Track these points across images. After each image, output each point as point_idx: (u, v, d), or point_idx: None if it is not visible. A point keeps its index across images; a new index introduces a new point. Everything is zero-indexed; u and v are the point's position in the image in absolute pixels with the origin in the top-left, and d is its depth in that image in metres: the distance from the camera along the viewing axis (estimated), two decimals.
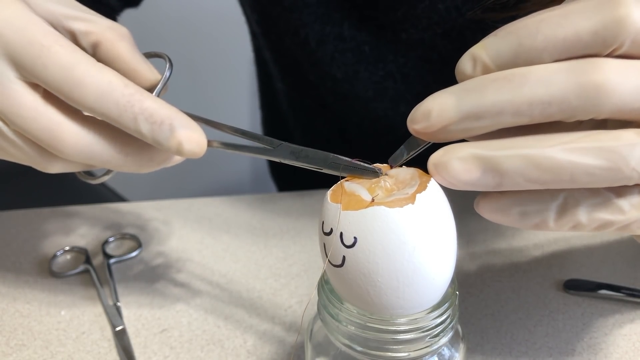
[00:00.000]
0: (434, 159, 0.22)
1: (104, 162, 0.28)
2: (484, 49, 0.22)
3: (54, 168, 0.28)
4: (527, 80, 0.20)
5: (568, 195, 0.22)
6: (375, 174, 0.25)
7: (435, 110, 0.21)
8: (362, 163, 0.26)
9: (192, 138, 0.26)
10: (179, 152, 0.26)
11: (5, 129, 0.27)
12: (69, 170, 0.29)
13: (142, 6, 0.60)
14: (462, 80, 0.22)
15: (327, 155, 0.26)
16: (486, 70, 0.22)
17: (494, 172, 0.21)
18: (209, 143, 0.28)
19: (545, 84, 0.20)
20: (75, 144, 0.26)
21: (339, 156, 0.26)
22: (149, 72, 0.30)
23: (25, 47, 0.25)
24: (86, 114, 0.27)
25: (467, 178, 0.21)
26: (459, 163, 0.21)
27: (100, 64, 0.26)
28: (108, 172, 0.31)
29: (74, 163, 0.28)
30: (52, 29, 0.26)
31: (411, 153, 0.25)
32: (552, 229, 0.23)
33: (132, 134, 0.26)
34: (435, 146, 0.23)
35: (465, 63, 0.22)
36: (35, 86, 0.26)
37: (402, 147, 0.25)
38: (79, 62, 0.26)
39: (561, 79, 0.20)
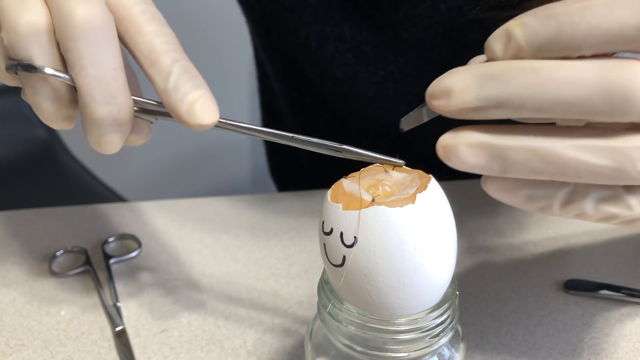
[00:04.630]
0: (444, 140, 0.22)
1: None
2: (520, 28, 0.20)
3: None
4: (555, 78, 0.20)
5: (577, 184, 0.22)
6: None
7: (455, 92, 0.21)
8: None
9: (211, 103, 0.26)
10: (191, 104, 0.26)
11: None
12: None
13: None
14: (490, 57, 0.22)
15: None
16: (518, 52, 0.21)
17: (499, 160, 0.21)
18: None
19: (572, 85, 0.20)
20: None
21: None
22: None
23: None
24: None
25: (474, 162, 0.21)
26: (466, 148, 0.21)
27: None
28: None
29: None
30: None
31: (427, 119, 0.24)
32: (556, 214, 0.23)
33: (159, 72, 0.26)
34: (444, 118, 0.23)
35: (496, 40, 0.21)
36: None
37: (416, 111, 0.24)
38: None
39: (589, 81, 0.19)
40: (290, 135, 0.27)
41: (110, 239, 0.46)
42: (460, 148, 0.21)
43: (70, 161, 0.77)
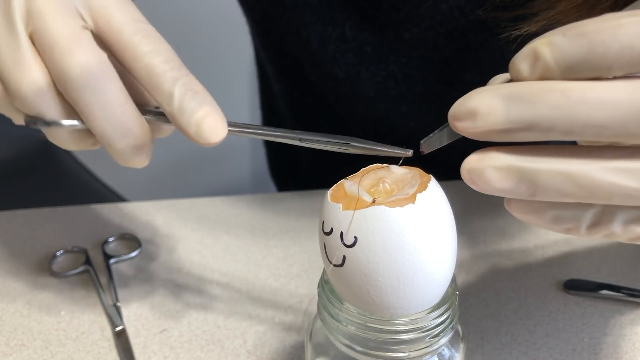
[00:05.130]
0: (469, 164, 0.21)
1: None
2: (548, 47, 0.19)
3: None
4: (586, 99, 0.19)
5: (606, 205, 0.21)
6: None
7: (481, 113, 0.20)
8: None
9: (217, 118, 0.27)
10: (198, 124, 0.26)
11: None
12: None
13: (142, 6, 0.59)
14: (515, 78, 0.21)
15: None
16: (546, 73, 0.20)
17: (529, 183, 0.20)
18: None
19: (604, 107, 0.19)
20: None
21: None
22: None
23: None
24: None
25: (501, 186, 0.21)
26: (494, 172, 0.20)
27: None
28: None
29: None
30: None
31: (448, 142, 0.23)
32: (583, 235, 0.22)
33: (162, 95, 0.27)
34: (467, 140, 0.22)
35: (522, 60, 0.20)
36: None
37: (437, 133, 0.23)
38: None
39: (622, 103, 0.19)
40: (299, 137, 0.28)
41: (110, 239, 0.46)
42: (487, 171, 0.20)
43: (70, 161, 0.77)
